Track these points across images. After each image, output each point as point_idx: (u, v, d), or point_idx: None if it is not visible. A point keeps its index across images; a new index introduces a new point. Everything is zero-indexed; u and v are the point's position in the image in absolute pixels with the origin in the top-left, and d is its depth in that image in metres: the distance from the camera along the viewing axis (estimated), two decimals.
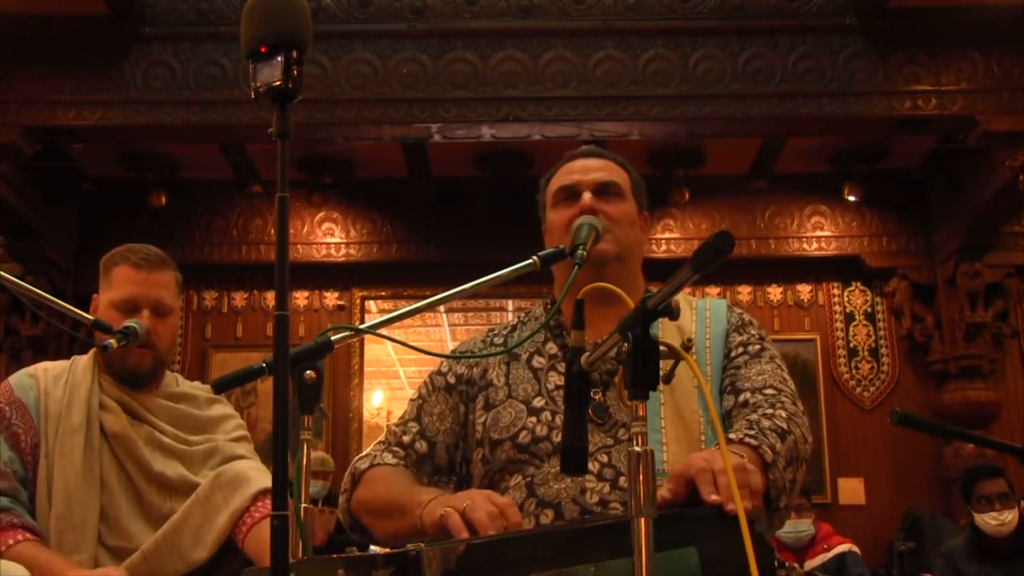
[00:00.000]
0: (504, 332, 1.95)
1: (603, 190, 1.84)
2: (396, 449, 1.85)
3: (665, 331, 1.78)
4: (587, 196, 1.82)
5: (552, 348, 1.84)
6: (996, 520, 4.28)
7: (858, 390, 7.13)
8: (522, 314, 2.02)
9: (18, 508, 1.99)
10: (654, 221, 7.03)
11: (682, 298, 1.88)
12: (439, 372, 1.93)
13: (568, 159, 1.94)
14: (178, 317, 2.28)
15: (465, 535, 1.44)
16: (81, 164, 6.62)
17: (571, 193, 1.85)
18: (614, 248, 1.80)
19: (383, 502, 1.73)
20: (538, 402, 1.77)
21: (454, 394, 1.88)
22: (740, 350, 1.79)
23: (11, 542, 1.91)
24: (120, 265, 2.20)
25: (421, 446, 1.84)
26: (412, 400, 1.93)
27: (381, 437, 1.92)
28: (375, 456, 1.85)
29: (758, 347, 1.80)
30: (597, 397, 1.74)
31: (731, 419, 1.70)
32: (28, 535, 1.94)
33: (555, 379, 1.79)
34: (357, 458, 1.88)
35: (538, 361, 1.83)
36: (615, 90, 5.58)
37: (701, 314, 1.85)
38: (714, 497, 1.31)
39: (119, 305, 2.16)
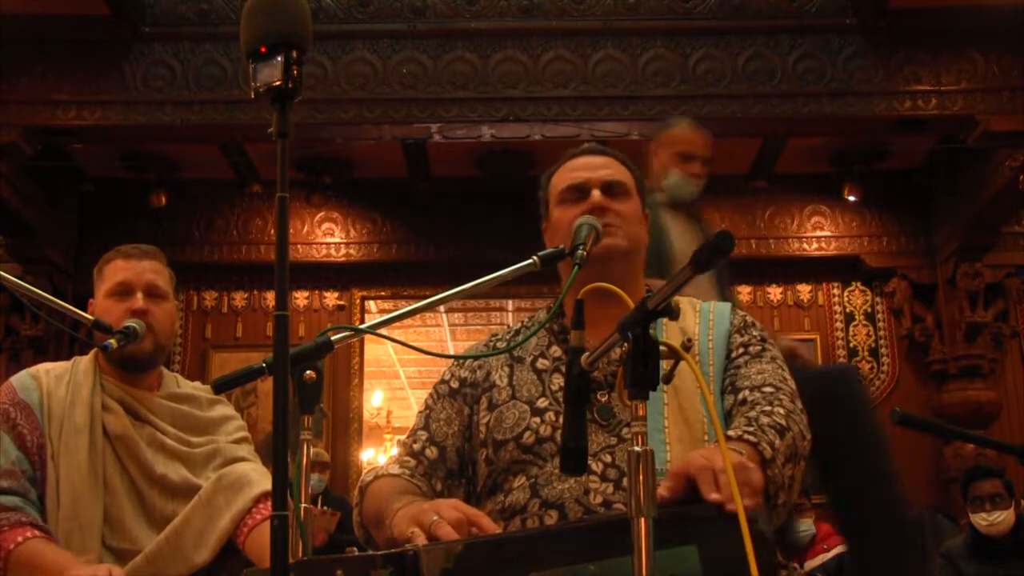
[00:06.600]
0: (507, 336, 1.95)
1: (611, 188, 1.84)
2: (407, 459, 1.85)
3: (667, 332, 1.78)
4: (596, 194, 1.81)
5: (556, 351, 1.84)
6: (986, 520, 4.32)
7: None
8: (526, 318, 2.02)
9: (27, 507, 1.99)
10: None
11: (686, 300, 1.88)
12: (443, 381, 1.94)
13: (572, 156, 1.93)
14: (174, 308, 2.28)
15: None
16: (81, 164, 6.62)
17: (579, 191, 1.85)
18: (624, 242, 1.80)
19: (374, 512, 1.74)
20: (542, 403, 1.78)
21: (458, 398, 1.89)
22: (741, 350, 1.79)
23: (20, 539, 1.92)
24: (112, 260, 2.24)
25: (431, 452, 1.85)
26: (420, 412, 1.94)
27: (394, 452, 1.93)
28: (380, 469, 1.86)
29: (759, 347, 1.80)
30: (604, 399, 1.74)
31: (731, 418, 1.70)
32: (37, 532, 1.95)
33: (559, 381, 1.80)
34: (365, 472, 1.89)
35: (542, 363, 1.84)
36: (615, 90, 5.59)
37: (704, 316, 1.85)
38: (715, 496, 1.31)
39: (114, 290, 2.18)
